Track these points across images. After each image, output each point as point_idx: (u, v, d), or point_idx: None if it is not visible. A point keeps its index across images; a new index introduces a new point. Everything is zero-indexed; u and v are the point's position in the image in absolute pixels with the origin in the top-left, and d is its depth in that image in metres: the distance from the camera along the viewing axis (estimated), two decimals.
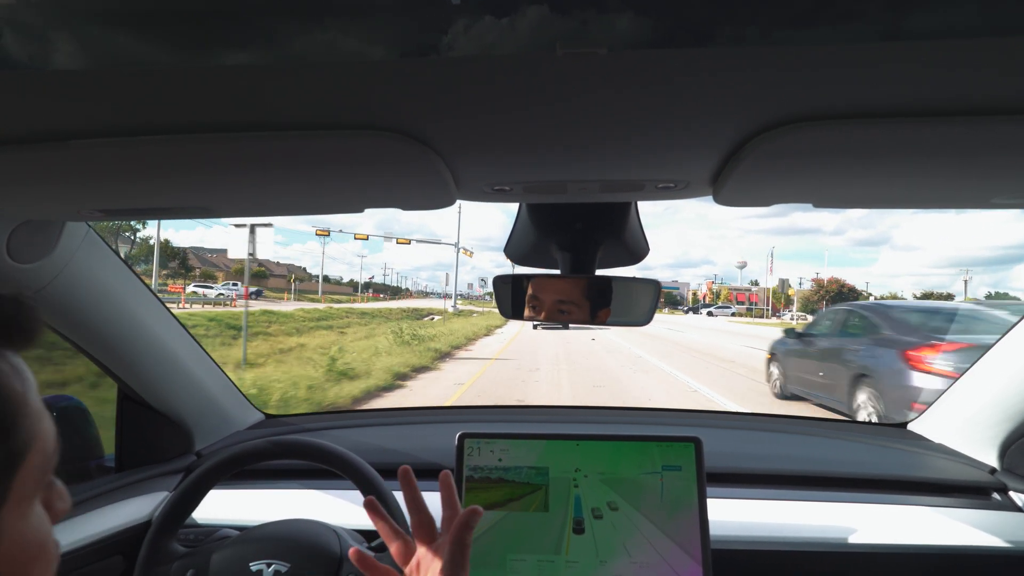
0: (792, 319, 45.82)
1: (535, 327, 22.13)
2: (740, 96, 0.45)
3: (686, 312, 72.17)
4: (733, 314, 62.20)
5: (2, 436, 0.37)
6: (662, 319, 40.41)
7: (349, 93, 0.46)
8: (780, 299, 68.65)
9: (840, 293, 59.42)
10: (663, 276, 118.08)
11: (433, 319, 25.16)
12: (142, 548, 0.89)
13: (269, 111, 0.49)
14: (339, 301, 49.12)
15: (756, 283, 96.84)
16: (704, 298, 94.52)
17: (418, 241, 35.64)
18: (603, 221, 0.90)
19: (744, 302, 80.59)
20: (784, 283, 59.96)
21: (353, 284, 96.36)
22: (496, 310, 1.04)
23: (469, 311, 38.54)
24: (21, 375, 0.40)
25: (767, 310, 66.23)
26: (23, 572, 0.39)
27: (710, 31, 0.34)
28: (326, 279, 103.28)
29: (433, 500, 1.14)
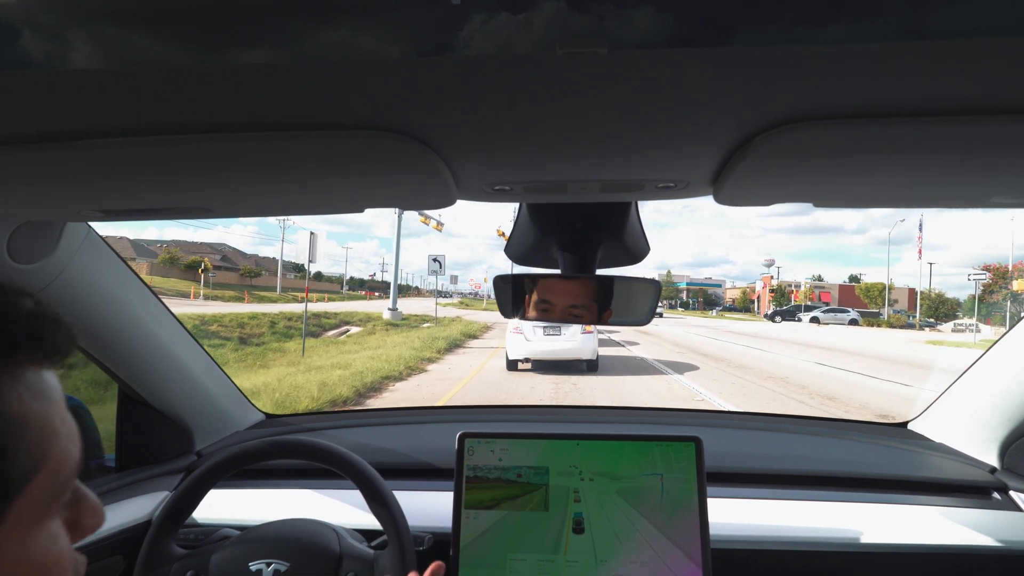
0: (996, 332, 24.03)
1: (511, 367, 10.20)
2: (741, 96, 0.45)
3: (771, 318, 46.51)
4: (852, 321, 40.94)
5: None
6: (729, 328, 24.25)
7: (350, 93, 0.46)
8: (877, 298, 48.55)
9: None
10: (682, 275, 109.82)
11: (348, 332, 16.82)
12: (142, 548, 0.89)
13: (269, 111, 0.49)
14: (299, 300, 39.33)
15: (820, 278, 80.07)
16: (757, 298, 76.41)
17: None
18: (603, 221, 0.89)
19: (815, 301, 60.78)
20: None
21: (339, 280, 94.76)
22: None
23: (421, 318, 22.77)
24: (41, 395, 0.38)
25: (915, 316, 42.91)
26: None
27: (717, 31, 0.34)
28: (317, 276, 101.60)
29: (432, 499, 1.15)
